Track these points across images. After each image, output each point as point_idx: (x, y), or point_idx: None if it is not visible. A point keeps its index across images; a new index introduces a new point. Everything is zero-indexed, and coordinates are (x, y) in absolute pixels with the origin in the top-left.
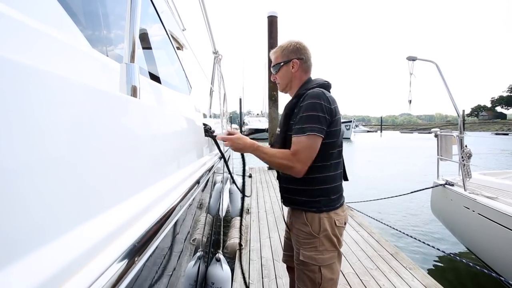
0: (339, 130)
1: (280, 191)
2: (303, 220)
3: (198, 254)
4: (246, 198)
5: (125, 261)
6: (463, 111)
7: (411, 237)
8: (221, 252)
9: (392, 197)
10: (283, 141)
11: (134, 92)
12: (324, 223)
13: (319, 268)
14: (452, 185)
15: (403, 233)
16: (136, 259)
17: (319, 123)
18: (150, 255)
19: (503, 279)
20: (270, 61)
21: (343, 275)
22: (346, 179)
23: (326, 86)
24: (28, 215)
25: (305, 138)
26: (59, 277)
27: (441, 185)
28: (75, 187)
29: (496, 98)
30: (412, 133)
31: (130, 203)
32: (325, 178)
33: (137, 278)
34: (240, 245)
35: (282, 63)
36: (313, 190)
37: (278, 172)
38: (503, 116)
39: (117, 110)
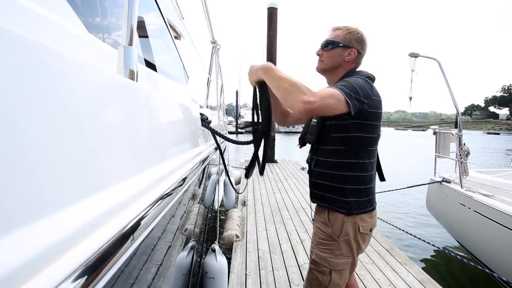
0: (379, 126)
1: (310, 186)
2: (325, 219)
3: (190, 244)
4: (241, 191)
5: (113, 249)
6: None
7: (407, 232)
8: (217, 243)
9: (387, 191)
10: (318, 131)
11: (131, 75)
12: (347, 227)
13: (330, 271)
14: (449, 182)
15: (399, 228)
16: (124, 246)
17: (354, 92)
18: (139, 245)
19: (496, 275)
20: (270, 52)
21: None
22: (382, 179)
23: (372, 79)
24: (26, 188)
25: (331, 89)
26: (50, 253)
27: (437, 182)
28: (64, 168)
29: (489, 98)
30: (406, 130)
31: (119, 188)
32: (360, 178)
33: (126, 266)
34: (237, 236)
35: (341, 44)
36: (345, 189)
37: (309, 165)
38: (495, 116)
39: (114, 92)
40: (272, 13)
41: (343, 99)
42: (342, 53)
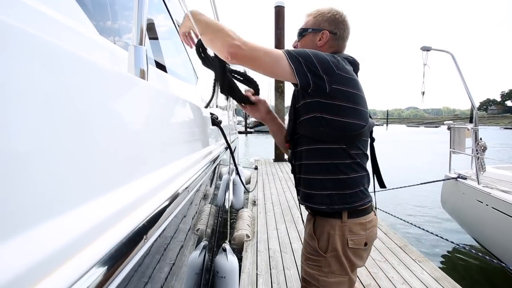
0: (363, 112)
1: (295, 184)
2: (311, 231)
3: (202, 244)
4: (251, 190)
5: (127, 248)
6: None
7: (422, 229)
8: (228, 243)
9: (401, 187)
10: (293, 123)
11: (142, 74)
12: (334, 241)
13: None
14: (465, 178)
15: (412, 224)
16: (138, 246)
17: (307, 61)
18: (152, 244)
19: None
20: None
21: None
22: (382, 185)
23: (351, 61)
24: (35, 189)
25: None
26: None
27: (453, 178)
28: (75, 167)
29: (506, 92)
30: (418, 127)
31: (131, 187)
32: (338, 166)
33: (140, 265)
34: (247, 236)
35: (310, 30)
36: (322, 180)
37: (292, 163)
38: None
39: (126, 90)
40: (279, 12)
41: (286, 62)
42: (313, 38)
